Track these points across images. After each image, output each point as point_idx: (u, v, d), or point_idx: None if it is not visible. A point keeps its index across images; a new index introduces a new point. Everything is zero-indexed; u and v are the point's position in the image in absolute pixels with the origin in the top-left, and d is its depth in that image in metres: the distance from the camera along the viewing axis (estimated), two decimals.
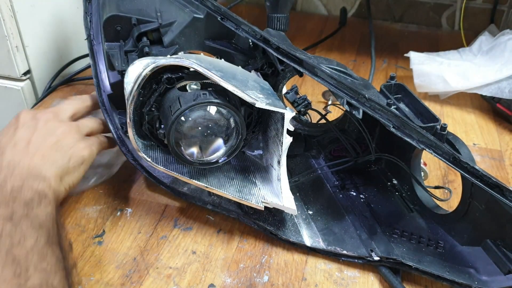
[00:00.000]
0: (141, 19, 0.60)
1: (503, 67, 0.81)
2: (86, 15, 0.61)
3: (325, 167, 0.66)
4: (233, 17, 0.56)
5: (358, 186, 0.63)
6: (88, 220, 0.59)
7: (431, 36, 1.13)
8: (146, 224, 0.59)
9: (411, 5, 1.16)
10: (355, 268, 0.55)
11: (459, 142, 0.53)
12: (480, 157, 0.74)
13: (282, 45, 0.52)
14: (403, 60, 0.95)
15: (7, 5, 0.73)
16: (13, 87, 0.80)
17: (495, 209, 0.48)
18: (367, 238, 0.55)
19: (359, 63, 0.99)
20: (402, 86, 0.59)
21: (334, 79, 0.50)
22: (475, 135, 0.79)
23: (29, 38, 0.78)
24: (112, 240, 0.57)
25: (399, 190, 0.62)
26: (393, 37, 1.12)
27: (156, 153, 0.56)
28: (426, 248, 0.54)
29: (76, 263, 0.53)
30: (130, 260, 0.54)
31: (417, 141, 0.48)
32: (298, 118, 0.70)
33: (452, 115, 0.84)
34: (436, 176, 0.69)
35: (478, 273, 0.51)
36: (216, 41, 0.64)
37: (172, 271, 0.53)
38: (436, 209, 0.58)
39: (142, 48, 0.59)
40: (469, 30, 1.10)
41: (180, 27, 0.61)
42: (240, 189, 0.55)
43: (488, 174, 0.46)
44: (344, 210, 0.60)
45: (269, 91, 0.54)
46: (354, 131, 0.66)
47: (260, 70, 0.62)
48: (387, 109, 0.49)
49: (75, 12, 0.88)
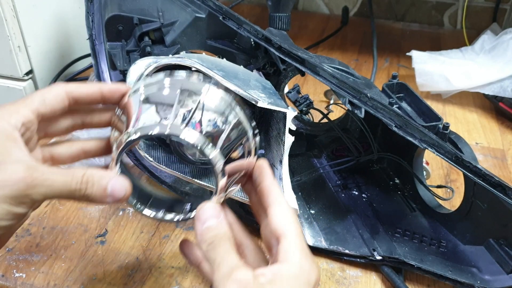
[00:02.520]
0: (143, 18, 0.60)
1: (505, 66, 0.81)
2: (88, 15, 0.61)
3: (327, 167, 0.66)
4: (235, 16, 0.56)
5: (360, 185, 0.63)
6: (90, 219, 0.59)
7: (433, 35, 1.13)
8: (148, 224, 0.59)
9: (413, 4, 1.16)
10: (357, 267, 0.55)
11: (461, 141, 0.53)
12: (482, 156, 0.73)
13: (284, 45, 0.52)
14: (405, 59, 0.95)
15: (9, 5, 0.73)
16: (15, 87, 0.80)
17: (498, 208, 0.48)
18: (369, 238, 0.55)
19: (361, 62, 0.99)
20: (404, 85, 0.58)
21: (336, 78, 0.50)
22: (477, 134, 0.79)
23: (31, 38, 0.79)
24: (114, 239, 0.57)
25: (401, 189, 0.62)
26: (395, 36, 1.12)
27: (158, 152, 0.56)
28: (429, 247, 0.54)
29: None
30: (133, 260, 0.54)
31: (419, 140, 0.48)
32: (300, 118, 0.70)
33: (454, 114, 0.84)
34: (438, 175, 0.68)
35: (481, 272, 0.51)
36: (218, 41, 0.64)
37: (175, 270, 0.53)
38: (439, 208, 0.58)
39: (144, 47, 0.59)
40: (472, 29, 1.10)
41: (182, 26, 0.61)
42: (242, 189, 0.55)
43: (491, 173, 0.46)
44: (346, 209, 0.60)
45: (271, 90, 0.54)
46: (356, 130, 0.66)
47: (262, 70, 0.62)
48: (389, 108, 0.48)
49: (77, 12, 0.88)
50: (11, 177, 0.34)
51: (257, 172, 0.42)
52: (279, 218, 0.38)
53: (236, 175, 0.41)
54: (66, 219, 0.59)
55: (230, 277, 0.33)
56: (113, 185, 0.37)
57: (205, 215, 0.37)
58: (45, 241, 0.56)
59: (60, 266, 0.53)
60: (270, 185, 0.40)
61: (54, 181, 0.35)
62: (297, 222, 0.38)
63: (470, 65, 0.85)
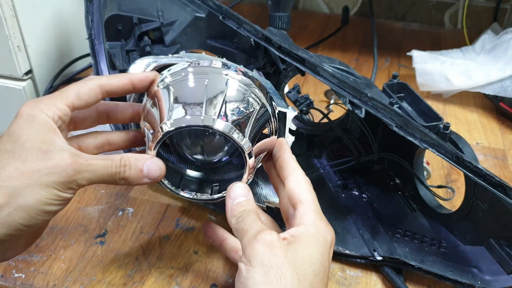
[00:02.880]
0: (143, 18, 0.60)
1: (506, 65, 0.81)
2: (87, 15, 0.60)
3: (327, 167, 0.66)
4: (235, 16, 0.56)
5: (361, 185, 0.63)
6: (90, 220, 0.59)
7: (434, 34, 1.13)
8: (148, 224, 0.59)
9: (414, 3, 1.16)
10: (357, 268, 0.54)
11: (462, 141, 0.53)
12: (483, 156, 0.73)
13: (284, 44, 0.52)
14: (406, 59, 0.95)
15: (9, 5, 0.73)
16: (14, 87, 0.80)
17: (498, 208, 0.48)
18: (369, 238, 0.55)
19: (361, 62, 0.99)
20: (404, 85, 0.58)
21: (336, 78, 0.50)
22: (478, 134, 0.79)
23: (31, 37, 0.78)
24: (114, 240, 0.56)
25: (402, 189, 0.62)
26: (395, 35, 1.12)
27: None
28: (429, 247, 0.54)
29: None
30: (132, 260, 0.54)
31: (420, 140, 0.48)
32: (300, 117, 0.70)
33: (455, 114, 0.84)
34: (439, 176, 0.68)
35: (481, 273, 0.51)
36: (218, 40, 0.64)
37: (174, 271, 0.53)
38: (439, 209, 0.58)
39: (143, 47, 0.59)
40: (472, 28, 1.10)
41: (182, 26, 0.61)
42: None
43: (491, 173, 0.46)
44: (346, 209, 0.60)
45: (271, 90, 0.54)
46: (357, 130, 0.66)
47: (262, 69, 0.62)
48: (390, 108, 0.48)
49: (77, 11, 0.88)
50: (59, 163, 0.37)
51: (277, 148, 0.46)
52: (295, 187, 0.41)
53: (261, 154, 0.45)
54: (65, 219, 0.59)
55: (256, 238, 0.37)
56: (148, 165, 0.41)
57: (235, 193, 0.41)
58: (45, 241, 0.56)
59: (59, 267, 0.53)
60: (288, 158, 0.44)
61: (96, 166, 0.39)
62: (312, 191, 0.42)
63: (470, 65, 0.85)
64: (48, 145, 0.38)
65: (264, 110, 0.45)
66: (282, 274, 0.34)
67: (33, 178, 0.36)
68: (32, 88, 0.83)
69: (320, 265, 0.37)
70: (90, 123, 0.45)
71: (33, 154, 0.37)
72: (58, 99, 0.40)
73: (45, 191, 0.37)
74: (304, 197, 0.41)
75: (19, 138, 0.37)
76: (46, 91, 0.84)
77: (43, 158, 0.37)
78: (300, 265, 0.36)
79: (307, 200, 0.40)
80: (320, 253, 0.37)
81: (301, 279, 0.35)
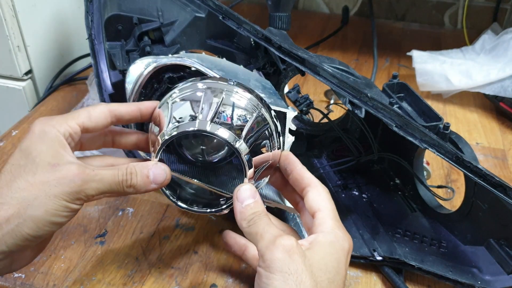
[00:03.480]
0: (143, 18, 0.60)
1: (506, 65, 0.81)
2: (87, 15, 0.60)
3: (327, 167, 0.66)
4: (235, 16, 0.56)
5: (361, 185, 0.63)
6: (90, 220, 0.59)
7: (434, 34, 1.13)
8: (148, 224, 0.59)
9: (414, 3, 1.16)
10: (357, 268, 0.54)
11: (462, 141, 0.53)
12: (483, 156, 0.73)
13: (284, 44, 0.52)
14: (406, 59, 0.95)
15: (9, 5, 0.73)
16: (14, 87, 0.80)
17: (498, 208, 0.48)
18: (369, 238, 0.55)
19: (361, 62, 0.99)
20: (404, 85, 0.58)
21: (336, 78, 0.50)
22: (478, 134, 0.79)
23: (31, 37, 0.78)
24: (114, 240, 0.56)
25: (402, 189, 0.62)
26: (395, 35, 1.12)
27: None
28: (429, 247, 0.54)
29: None
30: (132, 260, 0.54)
31: (420, 140, 0.48)
32: (300, 118, 0.70)
33: (455, 114, 0.84)
34: (439, 176, 0.68)
35: (481, 273, 0.51)
36: (218, 40, 0.63)
37: (174, 271, 0.53)
38: (439, 209, 0.58)
39: (143, 47, 0.58)
40: (472, 28, 1.10)
41: (182, 26, 0.61)
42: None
43: (491, 173, 0.46)
44: (346, 209, 0.59)
45: (271, 90, 0.54)
46: (357, 130, 0.66)
47: (262, 69, 0.62)
48: (390, 108, 0.48)
49: (76, 11, 0.88)
50: (67, 174, 0.38)
51: (285, 163, 0.46)
52: (314, 196, 0.42)
53: (262, 165, 0.44)
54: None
55: (275, 243, 0.37)
56: (154, 171, 0.42)
57: (243, 195, 0.41)
58: None
59: (59, 267, 0.53)
60: (301, 170, 0.44)
61: (103, 175, 0.40)
62: (330, 199, 0.42)
63: (470, 65, 0.85)
64: (57, 159, 0.39)
65: (262, 119, 0.45)
66: (301, 281, 0.35)
67: (42, 190, 0.38)
68: (32, 88, 0.83)
69: (336, 273, 0.37)
70: (97, 145, 0.47)
71: (43, 168, 0.39)
72: (70, 117, 0.41)
73: (53, 202, 0.38)
74: (323, 205, 0.41)
75: (31, 153, 0.39)
76: (46, 91, 0.84)
77: (51, 171, 0.38)
78: (316, 272, 0.36)
79: (326, 208, 0.41)
80: (337, 261, 0.38)
81: (318, 287, 0.36)
